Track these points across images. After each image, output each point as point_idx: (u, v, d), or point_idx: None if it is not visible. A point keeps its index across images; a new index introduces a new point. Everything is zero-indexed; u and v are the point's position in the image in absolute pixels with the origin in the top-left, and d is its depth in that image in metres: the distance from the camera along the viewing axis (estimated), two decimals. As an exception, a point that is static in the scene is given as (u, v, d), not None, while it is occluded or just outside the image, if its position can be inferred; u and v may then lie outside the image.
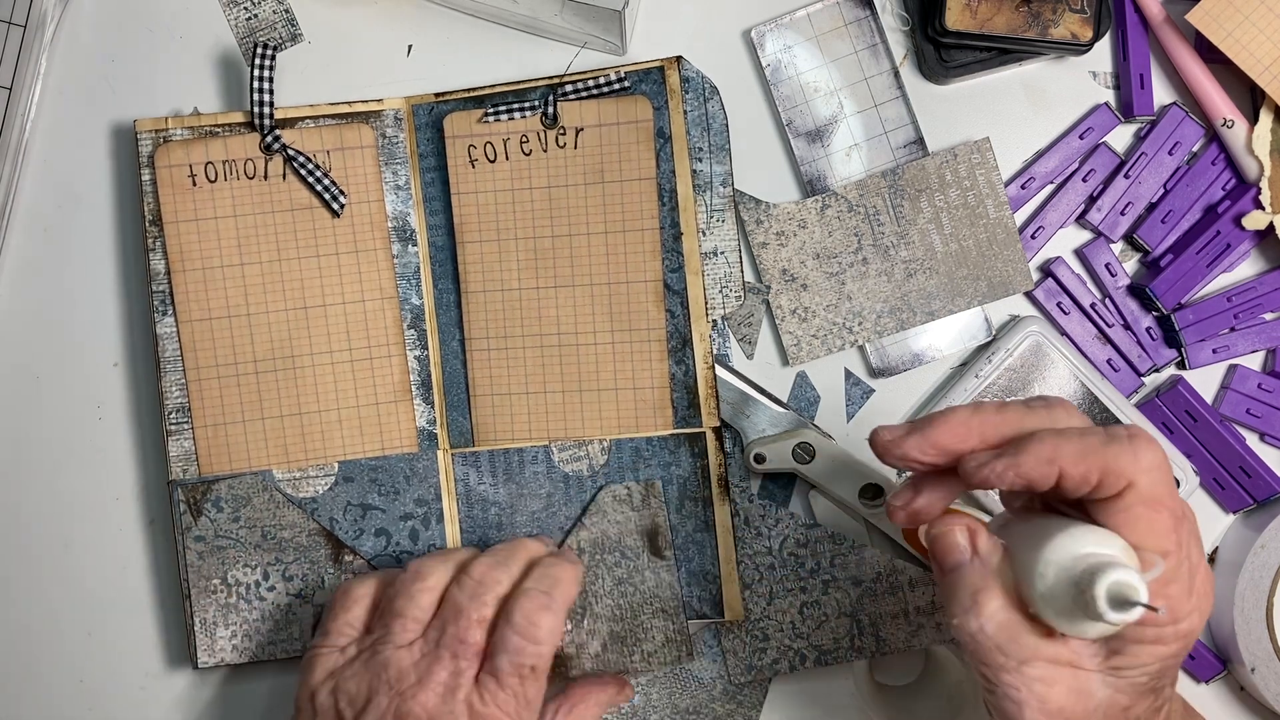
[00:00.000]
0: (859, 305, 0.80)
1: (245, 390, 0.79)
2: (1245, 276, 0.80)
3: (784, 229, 0.80)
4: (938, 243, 0.79)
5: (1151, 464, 0.56)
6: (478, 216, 0.79)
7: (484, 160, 0.79)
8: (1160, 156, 0.80)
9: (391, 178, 0.80)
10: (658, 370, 0.78)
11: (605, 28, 0.78)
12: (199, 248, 0.79)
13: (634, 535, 0.77)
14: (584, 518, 0.78)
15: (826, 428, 0.81)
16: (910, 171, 0.79)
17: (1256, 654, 0.78)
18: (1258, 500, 0.80)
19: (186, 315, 0.79)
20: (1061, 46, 0.79)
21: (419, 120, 0.80)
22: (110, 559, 0.82)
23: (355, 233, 0.79)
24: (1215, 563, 0.81)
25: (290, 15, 0.82)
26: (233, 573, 0.79)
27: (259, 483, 0.79)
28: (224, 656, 0.80)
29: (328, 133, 0.79)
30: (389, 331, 0.80)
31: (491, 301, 0.79)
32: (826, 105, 0.80)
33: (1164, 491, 0.56)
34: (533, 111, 0.78)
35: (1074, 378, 0.78)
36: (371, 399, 0.79)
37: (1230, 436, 0.79)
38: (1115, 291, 0.80)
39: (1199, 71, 0.79)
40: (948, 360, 0.81)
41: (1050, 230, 0.80)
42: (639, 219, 0.78)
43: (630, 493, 0.78)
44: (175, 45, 0.82)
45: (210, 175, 0.79)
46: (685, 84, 0.78)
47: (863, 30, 0.80)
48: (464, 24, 0.82)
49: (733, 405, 0.79)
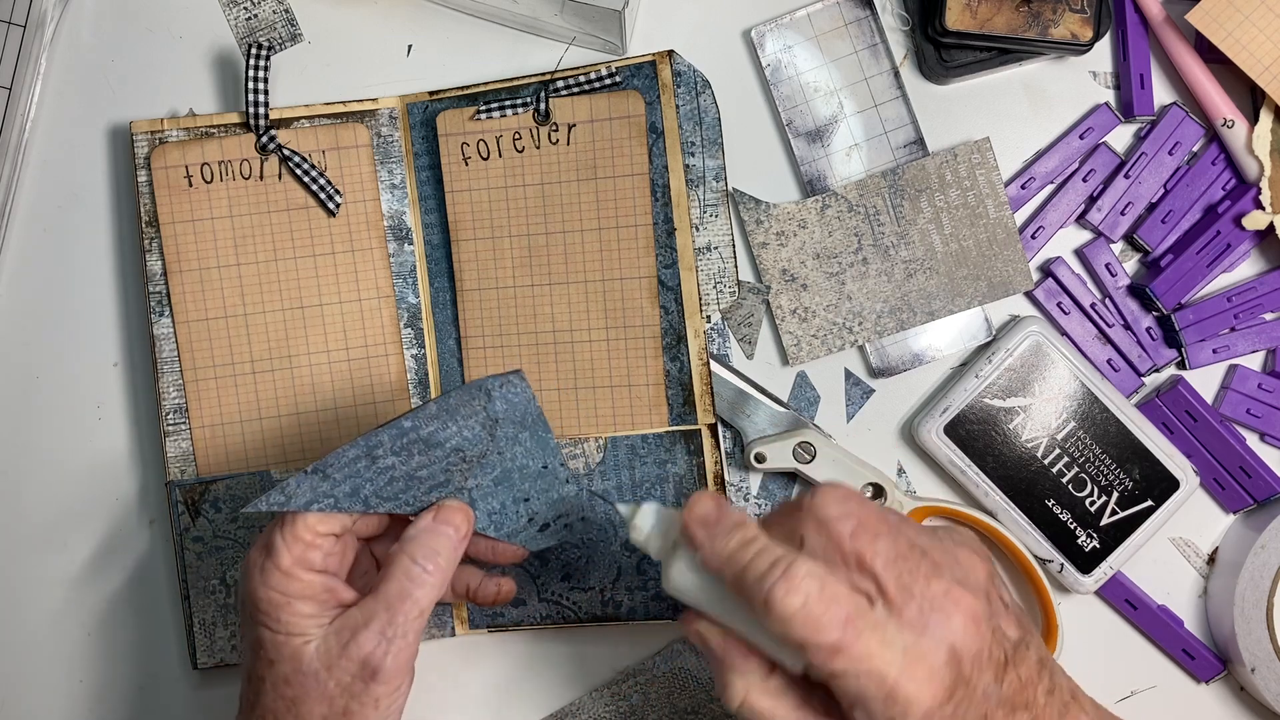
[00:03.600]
0: (859, 305, 0.80)
1: (242, 390, 0.79)
2: (1245, 276, 0.80)
3: (784, 229, 0.80)
4: (938, 243, 0.79)
5: (823, 518, 0.58)
6: (472, 214, 0.79)
7: (477, 158, 0.79)
8: (1160, 156, 0.79)
9: (387, 177, 0.80)
10: (652, 367, 0.78)
11: (605, 27, 0.78)
12: (195, 248, 0.79)
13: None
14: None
15: (826, 428, 0.81)
16: (910, 171, 0.79)
17: (1256, 654, 0.77)
18: (1258, 500, 0.80)
19: (183, 316, 0.79)
20: (1061, 46, 0.78)
21: (414, 119, 0.80)
22: (110, 559, 0.82)
23: (351, 232, 0.79)
24: (1215, 563, 0.81)
25: (290, 15, 0.82)
26: (231, 573, 0.79)
27: (257, 483, 0.79)
28: (223, 656, 0.80)
29: (323, 132, 0.79)
30: (385, 330, 0.80)
31: (487, 299, 0.79)
32: (826, 105, 0.80)
33: (837, 539, 0.58)
34: (525, 108, 0.78)
35: (1074, 378, 0.78)
36: (369, 398, 0.79)
37: (1230, 436, 0.79)
38: (1115, 291, 0.80)
39: (1199, 71, 0.79)
40: (948, 360, 0.81)
41: (1050, 230, 0.80)
42: (632, 215, 0.78)
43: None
44: (175, 45, 0.82)
45: (206, 176, 0.79)
46: (677, 78, 0.78)
47: (863, 30, 0.80)
48: (464, 24, 0.82)
49: (733, 404, 0.79)
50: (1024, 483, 0.78)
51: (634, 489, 0.78)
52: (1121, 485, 0.78)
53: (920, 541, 0.59)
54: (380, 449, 0.67)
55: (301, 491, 0.65)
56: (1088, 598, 0.81)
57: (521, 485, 0.72)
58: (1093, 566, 0.78)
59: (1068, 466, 0.78)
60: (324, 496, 0.66)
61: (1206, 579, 0.81)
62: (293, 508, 0.65)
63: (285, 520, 0.65)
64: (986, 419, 0.78)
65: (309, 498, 0.65)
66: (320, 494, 0.66)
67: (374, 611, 0.65)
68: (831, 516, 0.58)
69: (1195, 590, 0.81)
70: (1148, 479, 0.78)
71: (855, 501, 0.59)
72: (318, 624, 0.65)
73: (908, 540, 0.58)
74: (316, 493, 0.66)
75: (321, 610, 0.65)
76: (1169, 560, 0.81)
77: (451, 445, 0.69)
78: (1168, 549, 0.81)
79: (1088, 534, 0.78)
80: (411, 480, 0.68)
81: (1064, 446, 0.78)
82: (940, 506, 0.79)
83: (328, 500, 0.66)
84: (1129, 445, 0.78)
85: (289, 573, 0.65)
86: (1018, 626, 0.61)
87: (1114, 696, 0.81)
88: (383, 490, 0.67)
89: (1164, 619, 0.80)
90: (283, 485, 0.65)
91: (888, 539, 0.58)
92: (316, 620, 0.65)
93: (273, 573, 0.65)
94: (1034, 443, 0.78)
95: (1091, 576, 0.78)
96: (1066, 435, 0.78)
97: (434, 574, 0.66)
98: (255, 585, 0.65)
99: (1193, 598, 0.81)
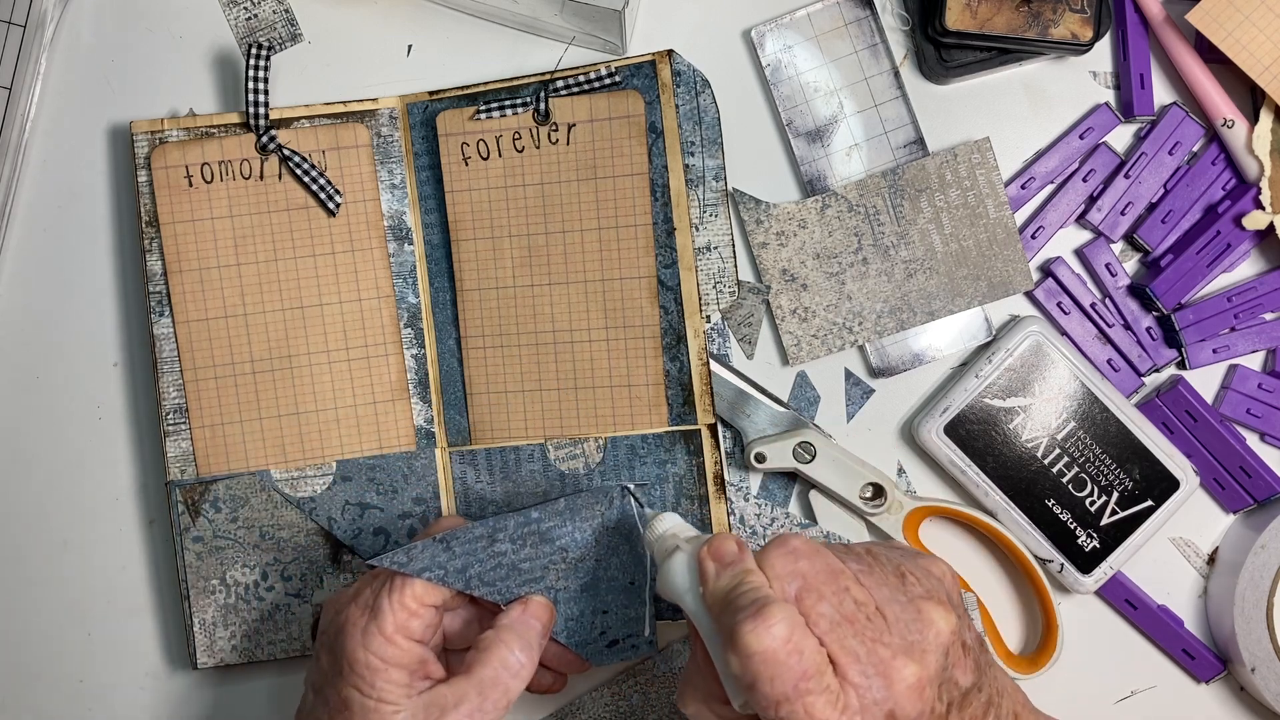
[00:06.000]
0: (859, 305, 0.80)
1: (242, 390, 0.79)
2: (1245, 276, 0.80)
3: (784, 229, 0.80)
4: (938, 243, 0.79)
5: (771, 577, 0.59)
6: (472, 214, 0.79)
7: (477, 158, 0.79)
8: (1160, 156, 0.79)
9: (387, 176, 0.80)
10: (652, 367, 0.78)
11: (605, 27, 0.78)
12: (195, 248, 0.79)
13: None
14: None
15: (826, 428, 0.81)
16: (910, 171, 0.79)
17: (1256, 654, 0.77)
18: (1258, 500, 0.80)
19: (183, 316, 0.79)
20: (1061, 46, 0.78)
21: (414, 119, 0.80)
22: (110, 559, 0.82)
23: (351, 232, 0.79)
24: (1215, 563, 0.81)
25: (290, 15, 0.82)
26: (231, 573, 0.79)
27: (257, 483, 0.79)
28: (223, 657, 0.80)
29: (323, 132, 0.79)
30: (385, 330, 0.80)
31: (487, 299, 0.79)
32: (826, 105, 0.80)
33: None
34: (524, 108, 0.78)
35: (1074, 378, 0.78)
36: (369, 398, 0.79)
37: (1230, 436, 0.79)
38: (1115, 291, 0.80)
39: (1199, 71, 0.79)
40: (948, 360, 0.81)
41: (1050, 230, 0.80)
42: (632, 214, 0.78)
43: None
44: (175, 45, 0.82)
45: (206, 176, 0.79)
46: (677, 78, 0.78)
47: (863, 30, 0.80)
48: (464, 24, 0.82)
49: (733, 404, 0.79)
50: (1024, 483, 0.78)
51: (634, 489, 0.79)
52: (1121, 485, 0.78)
53: (878, 595, 0.60)
54: (502, 533, 0.68)
55: (422, 558, 0.67)
56: (1088, 598, 0.81)
57: (605, 597, 0.73)
58: (1093, 566, 0.78)
59: (1068, 466, 0.78)
60: (438, 567, 0.67)
61: (1206, 579, 0.81)
62: (409, 571, 0.66)
63: (395, 585, 0.66)
64: (986, 419, 0.78)
65: (425, 565, 0.66)
66: (436, 564, 0.67)
67: (465, 693, 0.66)
68: (777, 576, 0.59)
69: (1195, 590, 0.81)
70: (1148, 479, 0.78)
71: (805, 559, 0.59)
72: (405, 694, 0.65)
73: (855, 600, 0.59)
74: (434, 562, 0.67)
75: (412, 681, 0.66)
76: (1169, 560, 0.81)
77: (561, 544, 0.70)
78: (1168, 549, 0.81)
79: (1088, 534, 0.78)
80: (513, 570, 0.69)
81: (1064, 446, 0.78)
82: (940, 506, 0.79)
83: (439, 571, 0.67)
84: (1129, 445, 0.78)
85: (391, 639, 0.65)
86: (974, 670, 0.61)
87: (1114, 696, 0.81)
88: (487, 574, 0.68)
89: (1164, 619, 0.80)
90: (408, 547, 0.66)
91: (832, 601, 0.58)
92: (405, 691, 0.65)
93: (375, 636, 0.65)
94: (1034, 443, 0.78)
95: (1091, 576, 0.78)
96: (1066, 435, 0.78)
97: (527, 666, 0.67)
98: (355, 646, 0.65)
99: (1193, 598, 0.81)
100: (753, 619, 0.56)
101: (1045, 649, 0.79)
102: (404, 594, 0.66)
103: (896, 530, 0.79)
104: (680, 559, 0.63)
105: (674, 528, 0.66)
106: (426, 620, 0.66)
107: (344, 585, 0.79)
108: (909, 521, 0.79)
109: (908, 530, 0.79)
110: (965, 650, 0.61)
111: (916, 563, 0.64)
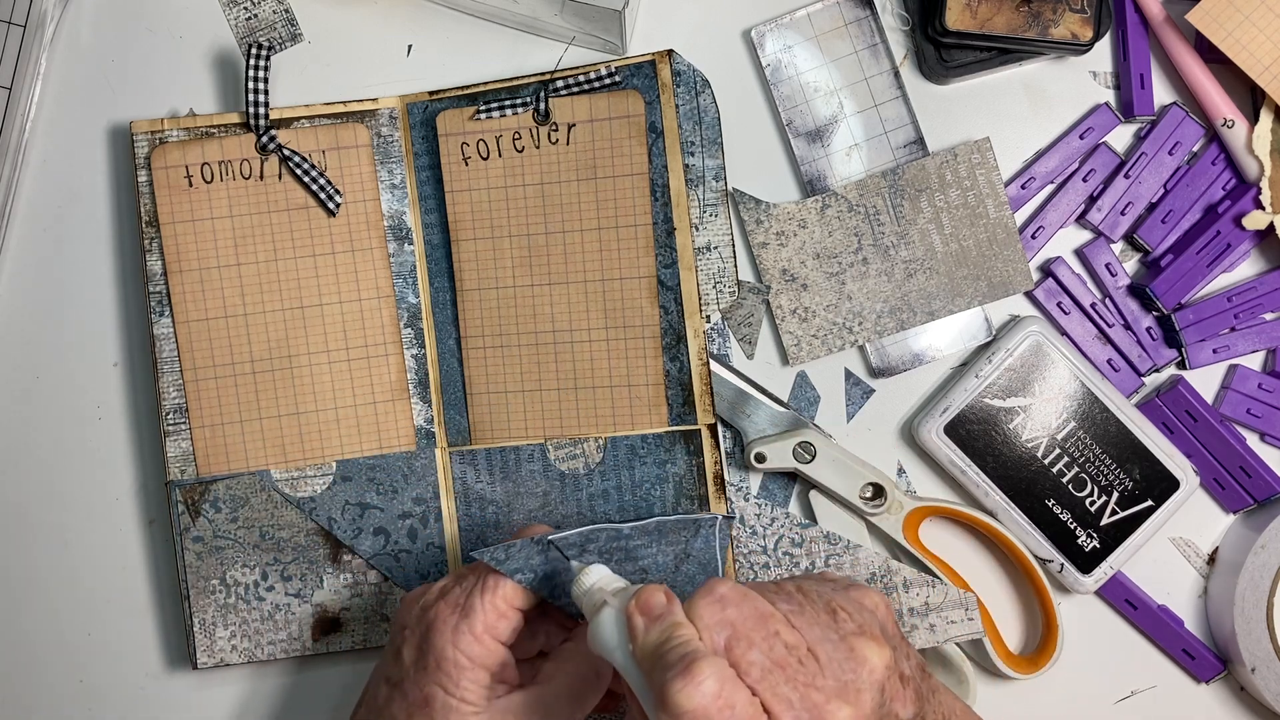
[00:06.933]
0: (859, 305, 0.80)
1: (242, 390, 0.79)
2: (1245, 276, 0.80)
3: (784, 229, 0.80)
4: (938, 243, 0.79)
5: (700, 628, 0.58)
6: (471, 214, 0.79)
7: (477, 158, 0.79)
8: (1160, 156, 0.79)
9: (387, 176, 0.80)
10: (652, 367, 0.78)
11: (605, 27, 0.78)
12: (195, 248, 0.79)
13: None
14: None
15: (826, 428, 0.81)
16: (910, 171, 0.79)
17: (1256, 654, 0.77)
18: (1258, 500, 0.80)
19: (183, 316, 0.79)
20: (1061, 46, 0.78)
21: (413, 119, 0.80)
22: (110, 559, 0.82)
23: (351, 232, 0.79)
24: (1215, 563, 0.81)
25: (290, 15, 0.82)
26: (231, 573, 0.79)
27: (257, 483, 0.79)
28: (223, 657, 0.80)
29: (323, 132, 0.79)
30: (385, 330, 0.80)
31: (487, 299, 0.79)
32: (826, 105, 0.80)
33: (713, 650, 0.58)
34: (524, 108, 0.78)
35: (1074, 378, 0.78)
36: (369, 398, 0.79)
37: (1230, 436, 0.79)
38: (1115, 291, 0.80)
39: (1199, 71, 0.79)
40: (948, 360, 0.81)
41: (1050, 230, 0.80)
42: (632, 214, 0.78)
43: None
44: (175, 45, 0.82)
45: (206, 176, 0.79)
46: (677, 78, 0.78)
47: (863, 30, 0.80)
48: (464, 24, 0.82)
49: (733, 404, 0.79)
50: (1024, 483, 0.78)
51: (633, 489, 0.78)
52: (1121, 485, 0.78)
53: (809, 636, 0.59)
54: (593, 544, 0.68)
55: (518, 558, 0.66)
56: (1088, 598, 0.81)
57: None
58: (1093, 566, 0.78)
59: (1068, 466, 0.78)
60: (529, 570, 0.66)
61: (1206, 579, 0.81)
62: (505, 570, 0.66)
63: (488, 585, 0.66)
64: (986, 419, 0.78)
65: (519, 566, 0.66)
66: (529, 567, 0.66)
67: (542, 703, 0.66)
68: (705, 626, 0.58)
69: (1195, 590, 0.81)
70: (1148, 479, 0.78)
71: (733, 606, 0.59)
72: (486, 696, 0.65)
73: (786, 644, 0.58)
74: (527, 564, 0.66)
75: (493, 683, 0.66)
76: (1169, 560, 0.81)
77: (643, 564, 0.69)
78: (1168, 549, 0.81)
79: (1088, 534, 0.78)
80: None
81: (1064, 446, 0.78)
82: (940, 506, 0.79)
83: (530, 575, 0.66)
84: (1129, 445, 0.78)
85: (480, 638, 0.65)
86: (914, 701, 0.61)
87: (1114, 696, 0.81)
88: (569, 585, 0.68)
89: (1164, 619, 0.80)
90: (506, 545, 0.66)
91: (762, 648, 0.58)
92: (486, 693, 0.66)
93: (465, 635, 0.65)
94: (1034, 443, 0.78)
95: (1091, 576, 0.78)
96: (1066, 435, 0.78)
97: (604, 682, 0.68)
98: (444, 643, 0.65)
99: (1193, 598, 0.81)
100: (681, 676, 0.55)
101: (1045, 649, 0.79)
102: (495, 595, 0.65)
103: (896, 531, 0.79)
104: (609, 615, 0.61)
105: (600, 580, 0.64)
106: (513, 623, 0.66)
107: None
108: (909, 521, 0.79)
109: (908, 530, 0.79)
110: (904, 681, 0.61)
111: (849, 596, 0.64)
